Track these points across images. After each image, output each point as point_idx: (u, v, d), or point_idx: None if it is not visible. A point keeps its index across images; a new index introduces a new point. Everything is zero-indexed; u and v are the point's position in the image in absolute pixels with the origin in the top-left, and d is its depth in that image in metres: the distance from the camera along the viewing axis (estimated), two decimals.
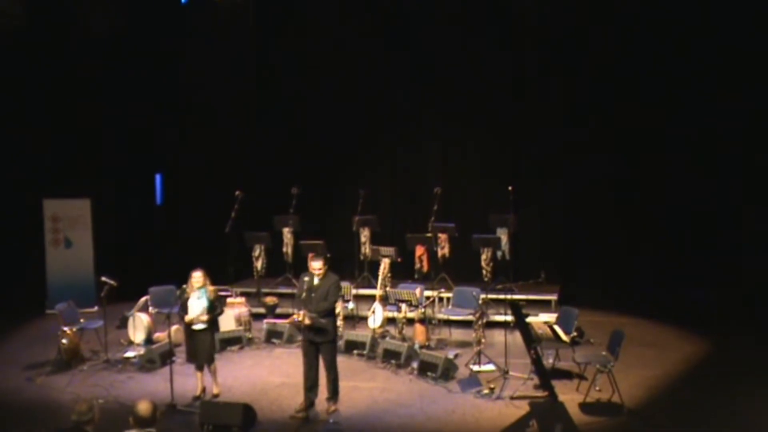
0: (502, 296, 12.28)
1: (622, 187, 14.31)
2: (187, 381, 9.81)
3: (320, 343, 8.96)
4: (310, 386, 9.06)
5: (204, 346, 9.53)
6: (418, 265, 13.56)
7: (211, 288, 9.61)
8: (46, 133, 14.99)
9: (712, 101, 13.47)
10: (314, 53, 15.54)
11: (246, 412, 8.60)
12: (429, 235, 13.52)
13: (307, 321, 8.83)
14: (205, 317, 9.45)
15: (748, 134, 13.55)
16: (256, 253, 13.96)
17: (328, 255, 12.45)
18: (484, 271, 13.18)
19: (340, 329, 11.71)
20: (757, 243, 13.32)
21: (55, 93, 15.02)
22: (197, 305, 9.48)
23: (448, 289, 12.94)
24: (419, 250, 13.55)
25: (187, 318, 9.55)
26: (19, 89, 14.80)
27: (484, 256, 13.20)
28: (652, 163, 14.15)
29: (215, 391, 9.61)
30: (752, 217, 13.43)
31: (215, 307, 9.63)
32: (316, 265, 9.00)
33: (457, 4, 14.83)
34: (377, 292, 12.31)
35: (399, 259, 13.02)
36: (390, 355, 10.94)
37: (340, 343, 11.30)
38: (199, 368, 9.61)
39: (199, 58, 16.01)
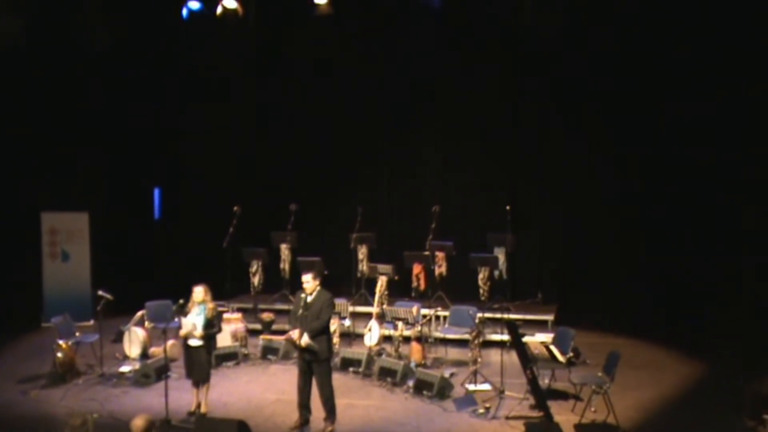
0: (498, 316, 12.30)
1: (620, 209, 14.29)
2: (183, 396, 9.79)
3: (313, 362, 8.96)
4: (305, 404, 9.06)
5: (199, 363, 9.50)
6: (415, 283, 13.54)
7: (210, 306, 9.57)
8: (45, 146, 14.99)
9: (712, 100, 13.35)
10: (313, 70, 15.59)
11: (241, 428, 8.56)
12: (426, 253, 13.51)
13: (302, 344, 8.83)
14: (198, 333, 9.42)
15: (748, 140, 13.44)
16: (254, 268, 13.94)
17: (326, 272, 12.50)
18: (481, 290, 13.15)
19: (336, 346, 11.70)
20: (756, 265, 13.27)
21: (54, 106, 15.03)
22: (195, 321, 9.46)
23: (445, 307, 12.94)
24: (416, 268, 13.54)
25: (181, 332, 9.55)
26: (18, 102, 14.79)
27: (481, 275, 13.19)
28: (650, 187, 14.12)
29: (203, 409, 9.56)
30: (751, 237, 13.37)
31: (212, 325, 9.58)
32: (305, 278, 9.01)
33: (456, 24, 14.82)
34: (374, 309, 12.28)
35: (396, 277, 13.00)
36: (386, 373, 10.93)
37: (336, 360, 11.29)
38: (196, 384, 9.60)
39: (197, 71, 16.04)
